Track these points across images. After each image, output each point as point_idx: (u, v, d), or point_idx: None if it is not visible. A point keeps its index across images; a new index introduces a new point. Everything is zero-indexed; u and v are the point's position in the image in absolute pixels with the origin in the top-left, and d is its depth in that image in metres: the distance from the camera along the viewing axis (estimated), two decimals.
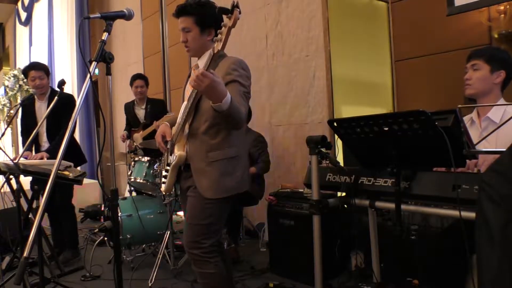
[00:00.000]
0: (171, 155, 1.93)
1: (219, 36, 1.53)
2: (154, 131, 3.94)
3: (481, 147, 1.63)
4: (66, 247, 3.46)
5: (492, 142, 1.73)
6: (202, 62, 1.87)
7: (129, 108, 4.20)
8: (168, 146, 1.95)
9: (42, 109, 3.39)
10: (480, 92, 1.85)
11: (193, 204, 1.85)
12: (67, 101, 3.14)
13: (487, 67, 1.82)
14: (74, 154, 3.40)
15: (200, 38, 1.84)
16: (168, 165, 1.92)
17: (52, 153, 3.11)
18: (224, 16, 1.57)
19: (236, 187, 1.85)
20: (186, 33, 1.86)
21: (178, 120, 1.95)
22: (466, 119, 1.94)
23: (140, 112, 4.12)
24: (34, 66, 3.38)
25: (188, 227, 1.84)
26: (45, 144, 3.38)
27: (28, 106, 3.42)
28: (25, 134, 3.44)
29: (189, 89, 1.87)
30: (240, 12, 1.51)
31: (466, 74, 1.89)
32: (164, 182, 1.93)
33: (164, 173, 1.96)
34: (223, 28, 1.52)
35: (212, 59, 1.58)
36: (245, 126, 2.08)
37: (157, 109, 4.03)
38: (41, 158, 3.06)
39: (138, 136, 3.94)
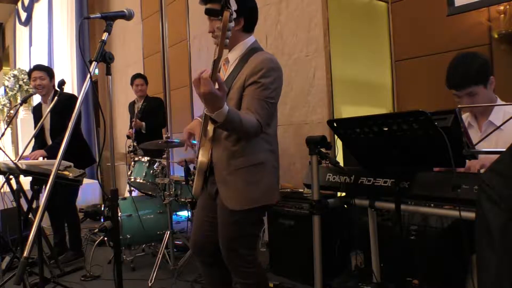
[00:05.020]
0: (197, 158, 1.77)
1: (214, 40, 1.39)
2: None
3: (481, 148, 1.63)
4: (68, 247, 3.46)
5: (493, 144, 1.72)
6: (232, 55, 1.73)
7: (131, 106, 4.47)
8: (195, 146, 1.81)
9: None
10: (486, 109, 1.83)
11: (220, 215, 1.72)
12: (69, 102, 3.16)
13: (481, 87, 1.79)
14: (84, 155, 3.44)
15: None
16: (194, 168, 1.79)
17: (50, 151, 3.12)
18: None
19: (263, 197, 1.68)
20: (213, 22, 1.66)
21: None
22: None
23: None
24: (36, 67, 3.42)
25: (221, 237, 1.73)
26: None
27: (37, 111, 3.50)
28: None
29: None
30: (231, 13, 1.31)
31: (461, 102, 1.83)
32: (192, 185, 1.80)
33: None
34: (216, 31, 1.37)
35: (214, 64, 1.38)
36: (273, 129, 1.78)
37: (152, 105, 4.20)
38: (35, 158, 3.06)
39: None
